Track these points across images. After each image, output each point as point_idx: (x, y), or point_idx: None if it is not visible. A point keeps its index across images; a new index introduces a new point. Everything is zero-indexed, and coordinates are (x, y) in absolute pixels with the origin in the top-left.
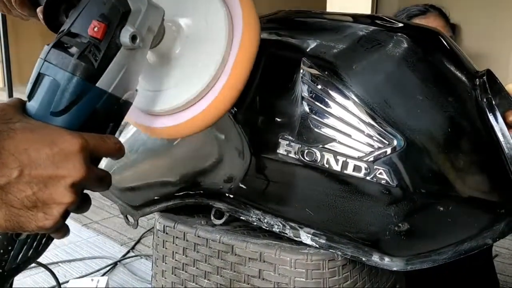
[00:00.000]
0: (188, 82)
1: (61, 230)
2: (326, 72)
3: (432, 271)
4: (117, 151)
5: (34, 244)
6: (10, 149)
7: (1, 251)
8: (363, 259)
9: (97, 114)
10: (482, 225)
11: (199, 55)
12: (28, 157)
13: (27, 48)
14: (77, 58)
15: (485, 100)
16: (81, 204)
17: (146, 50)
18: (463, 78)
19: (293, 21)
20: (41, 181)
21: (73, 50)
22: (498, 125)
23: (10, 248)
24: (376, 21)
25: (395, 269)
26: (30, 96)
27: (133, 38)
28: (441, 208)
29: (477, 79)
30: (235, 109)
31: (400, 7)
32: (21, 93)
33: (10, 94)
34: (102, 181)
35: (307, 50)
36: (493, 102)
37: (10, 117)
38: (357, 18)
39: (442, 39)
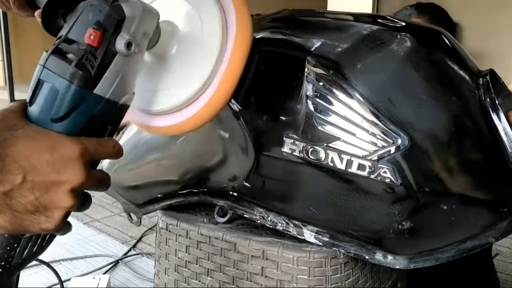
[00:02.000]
0: (185, 81)
1: (63, 228)
2: (330, 71)
3: (433, 269)
4: (116, 153)
5: (39, 241)
6: (14, 156)
7: (8, 248)
8: (367, 257)
9: (95, 119)
10: (485, 224)
11: (195, 54)
12: (30, 164)
13: (28, 46)
14: (75, 66)
15: (488, 99)
16: (82, 204)
17: (142, 54)
18: (467, 78)
19: (297, 20)
20: (42, 187)
21: (71, 56)
22: (501, 124)
23: (16, 245)
24: (380, 20)
25: (398, 267)
26: (31, 101)
27: (128, 45)
28: (445, 207)
29: (480, 79)
30: (240, 107)
31: (402, 5)
32: (22, 92)
33: (11, 93)
34: (101, 183)
35: (312, 49)
36: (496, 102)
37: (12, 124)
38: (360, 17)
39: (445, 38)
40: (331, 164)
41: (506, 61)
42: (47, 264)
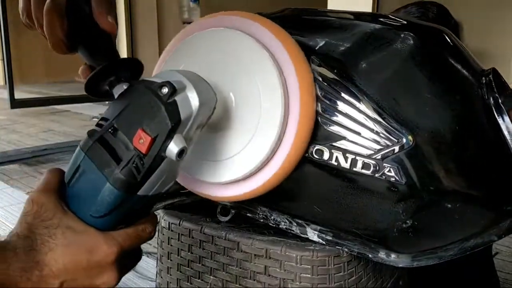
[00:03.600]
0: (251, 150)
1: None
2: (335, 70)
3: (434, 268)
4: (150, 239)
5: None
6: (51, 264)
7: None
8: (370, 255)
9: (135, 211)
10: (488, 222)
11: (255, 119)
12: (67, 272)
13: (28, 46)
14: (120, 171)
15: (491, 98)
16: None
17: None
18: (470, 77)
19: (300, 19)
20: None
21: (116, 148)
22: (505, 123)
23: None
24: (383, 19)
25: (401, 265)
26: (70, 182)
27: (181, 153)
28: (449, 205)
29: (483, 78)
30: None
31: (401, 5)
32: (21, 91)
33: (11, 92)
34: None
35: (316, 48)
36: (499, 101)
37: (50, 217)
38: (363, 16)
39: (447, 37)
40: (336, 163)
41: (506, 60)
42: None
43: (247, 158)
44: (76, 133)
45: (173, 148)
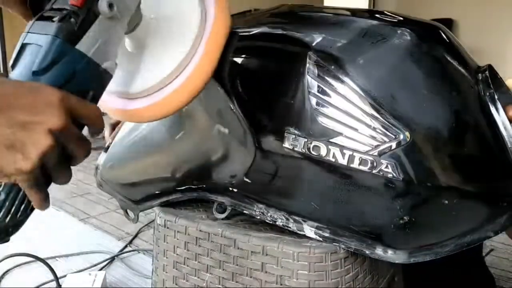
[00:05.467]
0: (160, 64)
1: (40, 189)
2: (332, 66)
3: (428, 263)
4: (97, 119)
5: (22, 207)
6: None
7: None
8: (367, 252)
9: (77, 77)
10: (485, 218)
11: (172, 40)
12: (9, 102)
13: None
14: (58, 21)
15: (487, 94)
16: (60, 165)
17: (124, 24)
18: (466, 73)
19: (297, 15)
20: (19, 124)
21: (56, 18)
22: (500, 119)
23: None
24: (379, 15)
25: (398, 261)
26: (14, 65)
27: (110, 6)
28: (445, 201)
29: (479, 74)
30: (240, 102)
31: (398, 4)
32: None
33: None
34: (82, 142)
35: (313, 44)
36: (495, 97)
37: None
38: (360, 12)
39: (443, 33)
40: (333, 160)
41: (501, 57)
42: (43, 261)
43: (164, 65)
44: None
45: (103, 0)
